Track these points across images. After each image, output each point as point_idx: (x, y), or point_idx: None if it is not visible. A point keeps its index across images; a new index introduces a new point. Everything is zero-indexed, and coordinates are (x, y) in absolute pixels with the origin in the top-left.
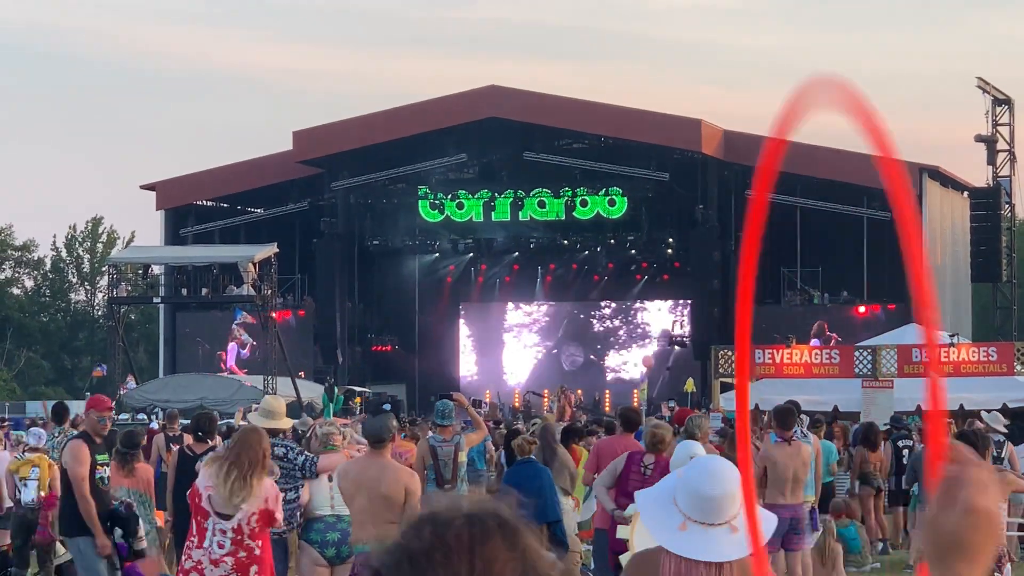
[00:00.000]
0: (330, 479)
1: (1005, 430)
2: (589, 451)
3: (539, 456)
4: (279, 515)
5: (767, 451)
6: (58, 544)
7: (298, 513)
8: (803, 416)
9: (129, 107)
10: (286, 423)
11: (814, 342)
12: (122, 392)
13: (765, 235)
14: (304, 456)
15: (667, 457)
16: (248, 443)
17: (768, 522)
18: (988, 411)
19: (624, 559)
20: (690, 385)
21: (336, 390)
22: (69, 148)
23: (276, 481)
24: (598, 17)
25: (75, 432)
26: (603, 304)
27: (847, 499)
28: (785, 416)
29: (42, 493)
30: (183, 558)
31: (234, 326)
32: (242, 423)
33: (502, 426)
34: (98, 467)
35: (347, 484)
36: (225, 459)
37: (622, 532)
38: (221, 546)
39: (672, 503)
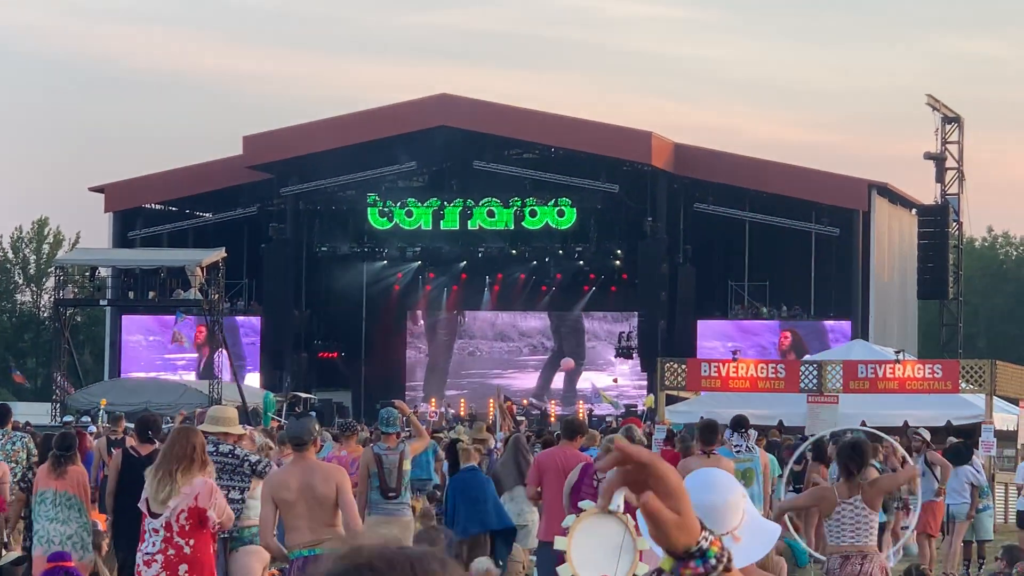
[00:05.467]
0: None
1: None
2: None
3: (510, 468)
4: (212, 514)
5: (685, 464)
6: None
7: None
8: (750, 431)
9: (78, 107)
10: (236, 429)
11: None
12: (67, 395)
13: (713, 248)
14: (258, 457)
15: None
16: (176, 440)
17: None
18: (906, 425)
19: (562, 571)
20: (649, 401)
21: (272, 395)
22: (16, 148)
23: (217, 479)
24: (550, 27)
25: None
26: (550, 314)
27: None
28: (706, 431)
29: None
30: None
31: (175, 329)
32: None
33: (441, 434)
34: None
35: (287, 493)
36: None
37: (559, 544)
38: (154, 545)
39: None
